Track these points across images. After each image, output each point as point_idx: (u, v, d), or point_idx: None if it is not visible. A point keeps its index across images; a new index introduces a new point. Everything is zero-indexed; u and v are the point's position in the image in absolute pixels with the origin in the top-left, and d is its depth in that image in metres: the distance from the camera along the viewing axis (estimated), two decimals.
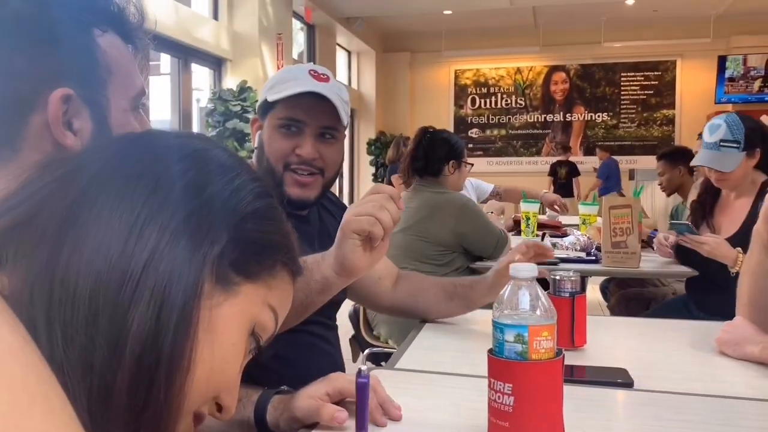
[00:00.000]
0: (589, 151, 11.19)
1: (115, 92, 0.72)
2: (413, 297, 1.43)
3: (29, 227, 0.45)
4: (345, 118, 1.25)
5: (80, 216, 0.45)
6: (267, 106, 1.26)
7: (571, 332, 1.20)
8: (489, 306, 1.09)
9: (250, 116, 6.08)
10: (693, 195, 2.87)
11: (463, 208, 2.56)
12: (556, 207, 3.74)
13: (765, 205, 1.25)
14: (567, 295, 1.21)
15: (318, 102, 1.20)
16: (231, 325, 0.50)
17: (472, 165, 2.91)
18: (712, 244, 2.11)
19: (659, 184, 3.60)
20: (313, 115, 1.23)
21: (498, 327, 0.75)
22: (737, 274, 1.61)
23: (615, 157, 9.84)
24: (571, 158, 10.13)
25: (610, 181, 9.39)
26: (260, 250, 0.52)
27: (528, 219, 3.52)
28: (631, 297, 3.09)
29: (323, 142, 1.26)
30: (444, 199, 2.57)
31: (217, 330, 0.49)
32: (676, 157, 3.46)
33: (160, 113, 6.62)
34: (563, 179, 9.68)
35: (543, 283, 0.96)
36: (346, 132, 1.34)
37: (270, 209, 0.54)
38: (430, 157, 2.63)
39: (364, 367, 0.63)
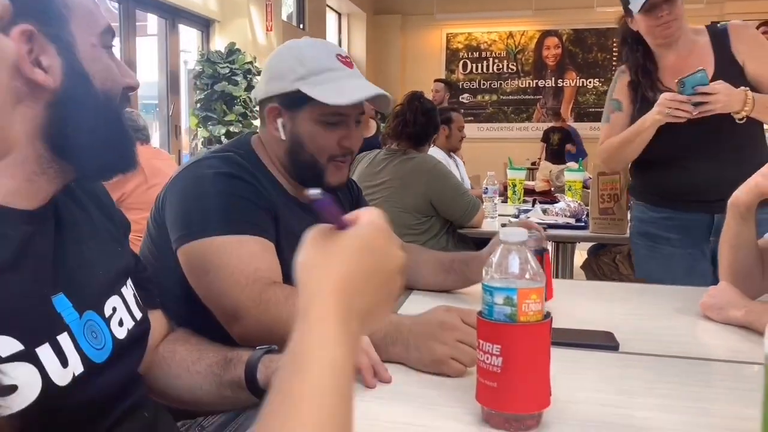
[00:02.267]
0: (579, 118, 11.16)
1: (79, 28, 0.72)
2: (412, 269, 1.46)
3: None
4: None
5: None
6: (301, 98, 1.19)
7: None
8: None
9: (239, 79, 6.00)
10: None
11: (432, 171, 2.57)
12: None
13: (752, 178, 1.27)
14: (534, 252, 1.21)
15: None
16: None
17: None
18: (723, 89, 1.73)
19: None
20: (355, 107, 1.23)
21: (488, 290, 0.76)
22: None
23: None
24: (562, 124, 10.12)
25: (578, 146, 9.52)
26: None
27: (514, 186, 3.54)
28: (600, 254, 3.13)
29: (357, 127, 1.27)
30: (413, 165, 2.57)
31: None
32: None
33: (148, 75, 6.52)
34: (555, 146, 9.70)
35: None
36: None
37: None
38: (428, 125, 2.67)
39: (315, 191, 0.54)
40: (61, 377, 0.68)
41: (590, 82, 11.32)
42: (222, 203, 1.13)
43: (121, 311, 0.82)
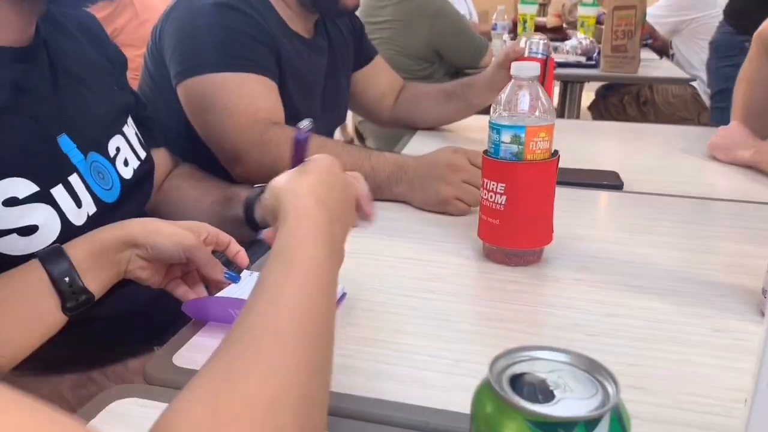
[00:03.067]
0: None
1: None
2: (414, 104, 1.44)
3: None
4: None
5: None
6: None
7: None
8: (484, 112, 1.07)
9: None
10: None
11: (437, 14, 2.41)
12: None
13: None
14: (541, 55, 1.16)
15: None
16: None
17: None
18: None
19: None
20: None
21: (495, 128, 0.73)
22: None
23: None
24: None
25: None
26: None
27: (525, 21, 3.37)
28: (608, 95, 3.04)
29: None
30: (416, 7, 2.41)
31: None
32: None
33: None
34: None
35: None
36: None
37: None
38: None
39: (306, 122, 0.58)
40: (77, 217, 0.70)
41: None
42: (222, 38, 1.07)
43: (125, 151, 0.82)
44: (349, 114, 2.50)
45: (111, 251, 0.65)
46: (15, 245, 0.64)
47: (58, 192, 0.68)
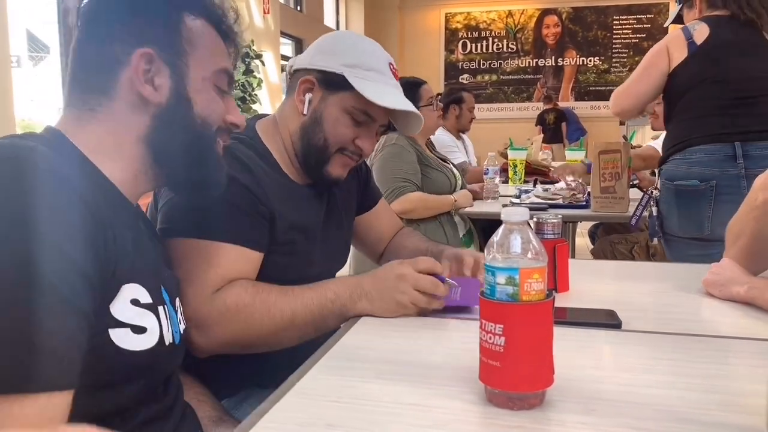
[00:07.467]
0: (580, 97, 11.12)
1: (196, 63, 0.88)
2: (395, 254, 1.51)
3: None
4: None
5: None
6: (340, 83, 1.20)
7: (553, 277, 1.23)
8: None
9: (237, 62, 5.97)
10: None
11: (378, 154, 2.56)
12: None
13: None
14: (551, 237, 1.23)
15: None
16: None
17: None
18: None
19: (650, 113, 3.28)
20: (384, 115, 1.26)
21: (490, 270, 0.76)
22: None
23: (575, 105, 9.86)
24: (562, 104, 10.12)
25: (575, 126, 9.61)
26: None
27: (515, 166, 3.53)
28: (615, 242, 3.09)
29: (377, 135, 1.29)
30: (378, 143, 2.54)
31: None
32: None
33: None
34: (552, 124, 9.72)
35: None
36: None
37: None
38: None
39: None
40: (167, 337, 0.83)
41: (590, 61, 11.26)
42: (206, 206, 1.08)
43: (180, 313, 0.93)
44: None
45: None
46: (124, 339, 0.75)
47: (161, 311, 0.82)
